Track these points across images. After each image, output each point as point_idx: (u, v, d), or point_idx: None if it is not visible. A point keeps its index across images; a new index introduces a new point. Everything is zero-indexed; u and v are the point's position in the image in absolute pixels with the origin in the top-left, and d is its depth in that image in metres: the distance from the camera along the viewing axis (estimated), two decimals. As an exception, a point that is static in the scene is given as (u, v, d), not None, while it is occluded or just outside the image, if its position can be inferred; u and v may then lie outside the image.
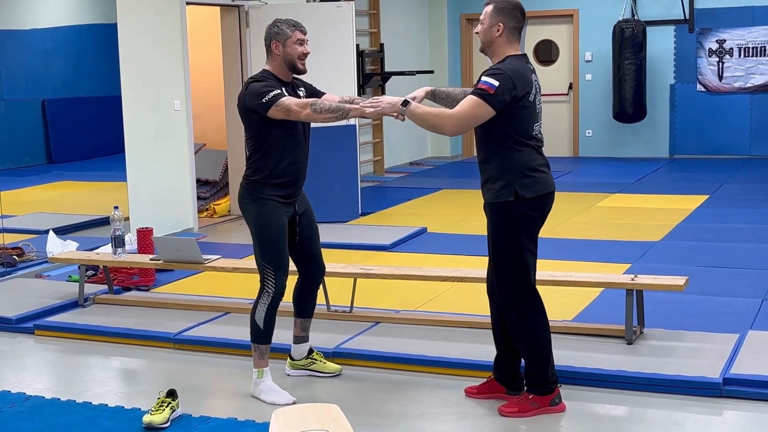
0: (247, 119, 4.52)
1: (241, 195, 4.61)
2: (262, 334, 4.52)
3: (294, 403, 4.39)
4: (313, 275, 4.80)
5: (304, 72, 4.58)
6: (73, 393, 4.69)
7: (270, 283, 4.49)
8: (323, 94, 4.73)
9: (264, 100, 4.38)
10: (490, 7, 4.22)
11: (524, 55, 4.23)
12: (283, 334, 4.74)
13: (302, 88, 4.67)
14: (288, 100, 4.39)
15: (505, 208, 4.13)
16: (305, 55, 4.55)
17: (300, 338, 4.84)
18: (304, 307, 4.82)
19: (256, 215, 4.52)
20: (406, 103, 4.19)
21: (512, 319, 4.22)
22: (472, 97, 4.08)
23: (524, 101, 4.09)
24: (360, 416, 4.27)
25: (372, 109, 4.30)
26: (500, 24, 4.17)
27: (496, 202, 4.15)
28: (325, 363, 4.86)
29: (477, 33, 4.29)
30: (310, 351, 4.86)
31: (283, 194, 4.53)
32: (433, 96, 4.51)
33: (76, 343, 5.58)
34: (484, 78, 4.07)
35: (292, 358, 4.86)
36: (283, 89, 4.49)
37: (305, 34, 4.57)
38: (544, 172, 4.20)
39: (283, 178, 4.51)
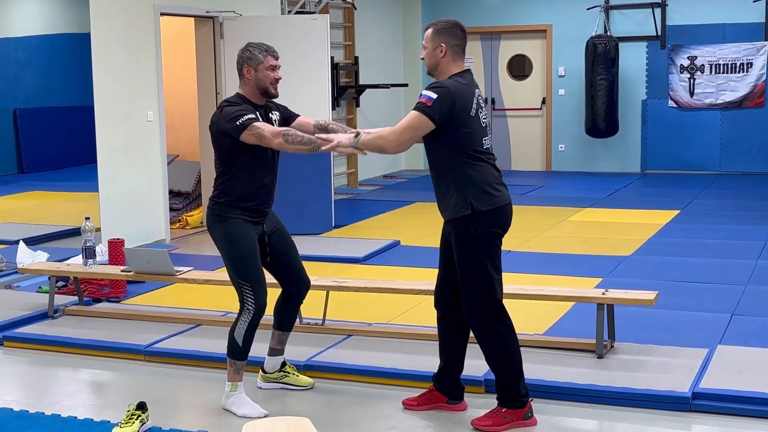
0: (219, 142, 4.50)
1: (208, 217, 4.60)
2: (239, 350, 4.50)
3: (266, 416, 4.38)
4: (297, 290, 4.76)
5: (276, 96, 4.60)
6: (41, 405, 4.65)
7: (249, 300, 4.46)
8: (297, 116, 4.76)
9: (237, 123, 4.37)
10: (430, 31, 4.27)
11: (467, 71, 4.27)
12: (256, 347, 4.72)
13: (276, 111, 4.68)
14: (262, 125, 4.39)
15: (465, 224, 4.15)
16: (277, 80, 4.56)
17: (275, 351, 4.82)
18: (285, 320, 4.79)
19: (224, 234, 4.51)
20: (357, 135, 4.30)
21: (483, 337, 4.25)
22: (411, 111, 4.14)
23: (466, 116, 4.13)
24: (331, 429, 4.27)
25: (327, 146, 4.35)
26: (443, 45, 4.21)
27: (455, 218, 4.17)
28: (297, 376, 4.84)
29: (422, 58, 4.33)
30: (283, 364, 4.85)
31: (250, 215, 4.52)
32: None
33: (46, 354, 5.53)
34: (423, 92, 4.13)
35: (264, 371, 4.84)
36: (258, 113, 4.49)
37: (277, 59, 4.58)
38: (498, 187, 4.23)
39: (250, 202, 4.52)
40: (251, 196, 4.51)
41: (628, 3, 13.01)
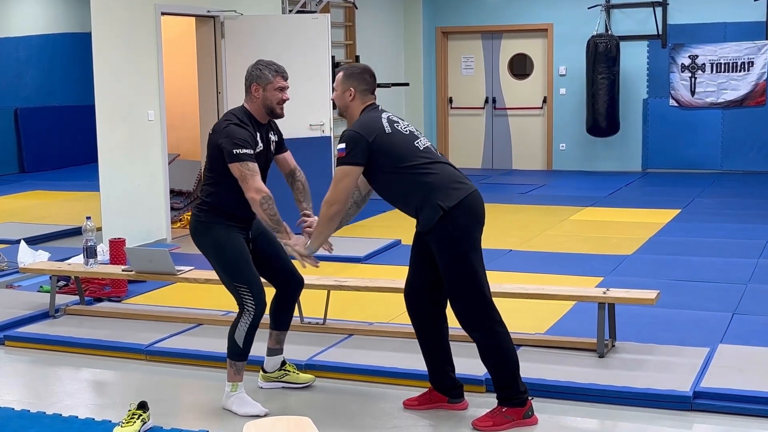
0: (213, 153, 4.51)
1: (192, 225, 4.61)
2: (240, 352, 4.49)
3: (266, 414, 4.39)
4: (291, 289, 4.76)
5: (281, 116, 4.60)
6: (43, 405, 4.65)
7: (249, 301, 4.45)
8: (285, 151, 4.79)
9: (234, 152, 4.38)
10: (340, 74, 4.39)
11: (371, 104, 4.37)
12: (256, 346, 4.71)
13: (276, 134, 4.70)
14: (253, 169, 4.39)
15: (442, 228, 4.15)
16: (284, 101, 4.56)
17: (274, 350, 4.82)
18: (282, 320, 4.79)
19: (212, 240, 4.52)
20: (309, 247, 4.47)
21: (478, 338, 4.24)
22: (336, 168, 4.28)
23: (383, 137, 4.21)
24: (332, 429, 4.26)
25: (285, 241, 4.49)
26: (351, 89, 4.36)
27: (431, 226, 4.17)
28: (297, 374, 4.85)
29: (332, 99, 4.45)
30: (283, 363, 4.85)
31: (235, 222, 4.54)
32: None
33: (47, 354, 5.54)
34: (337, 147, 4.26)
35: (264, 371, 4.84)
36: (259, 133, 4.51)
37: (287, 80, 4.58)
38: (459, 180, 4.24)
39: (235, 213, 4.54)
40: (237, 208, 4.52)
41: (629, 2, 13.00)
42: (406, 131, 4.30)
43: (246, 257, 4.51)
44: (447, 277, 4.21)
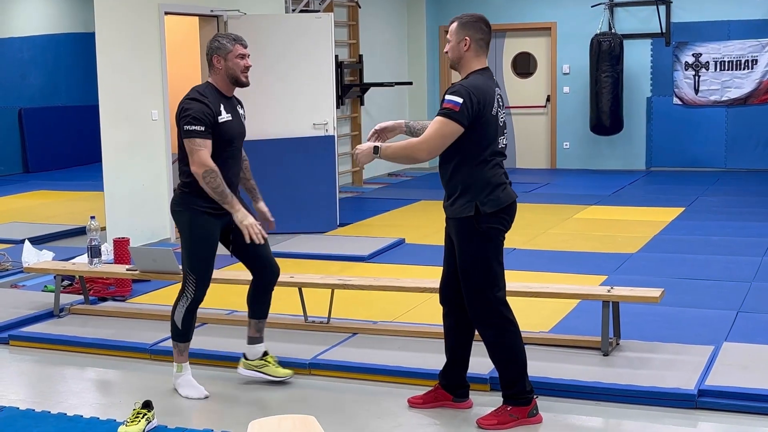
0: (178, 131, 4.57)
1: (173, 202, 4.70)
2: (180, 333, 4.69)
3: (206, 396, 4.62)
4: (266, 277, 4.83)
5: (246, 85, 4.64)
6: (47, 404, 4.66)
7: (190, 289, 4.62)
8: (243, 157, 4.81)
9: (185, 128, 4.45)
10: (455, 24, 4.23)
11: (487, 69, 4.24)
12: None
13: (243, 109, 4.75)
14: (201, 145, 4.41)
15: (468, 222, 4.14)
16: (247, 68, 4.60)
17: (254, 339, 4.88)
18: (258, 309, 4.87)
19: (188, 224, 4.60)
20: (376, 149, 4.21)
21: (487, 334, 4.24)
22: (438, 117, 4.08)
23: (487, 116, 4.10)
24: (336, 428, 4.27)
25: (240, 216, 4.45)
26: (467, 38, 4.17)
27: (458, 217, 4.16)
28: (277, 367, 4.88)
29: (446, 52, 4.29)
30: (265, 353, 4.90)
31: (215, 205, 4.56)
32: (408, 129, 4.47)
33: (52, 353, 5.54)
34: (447, 96, 4.08)
35: (246, 358, 4.89)
36: (222, 106, 4.53)
37: (246, 47, 4.63)
38: (506, 188, 4.20)
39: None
40: None
41: (633, 0, 12.99)
42: (501, 122, 4.20)
43: (209, 253, 4.61)
44: (463, 269, 4.20)
